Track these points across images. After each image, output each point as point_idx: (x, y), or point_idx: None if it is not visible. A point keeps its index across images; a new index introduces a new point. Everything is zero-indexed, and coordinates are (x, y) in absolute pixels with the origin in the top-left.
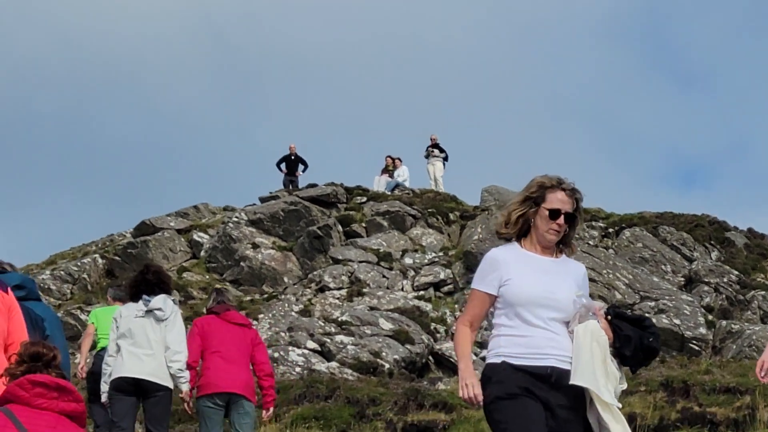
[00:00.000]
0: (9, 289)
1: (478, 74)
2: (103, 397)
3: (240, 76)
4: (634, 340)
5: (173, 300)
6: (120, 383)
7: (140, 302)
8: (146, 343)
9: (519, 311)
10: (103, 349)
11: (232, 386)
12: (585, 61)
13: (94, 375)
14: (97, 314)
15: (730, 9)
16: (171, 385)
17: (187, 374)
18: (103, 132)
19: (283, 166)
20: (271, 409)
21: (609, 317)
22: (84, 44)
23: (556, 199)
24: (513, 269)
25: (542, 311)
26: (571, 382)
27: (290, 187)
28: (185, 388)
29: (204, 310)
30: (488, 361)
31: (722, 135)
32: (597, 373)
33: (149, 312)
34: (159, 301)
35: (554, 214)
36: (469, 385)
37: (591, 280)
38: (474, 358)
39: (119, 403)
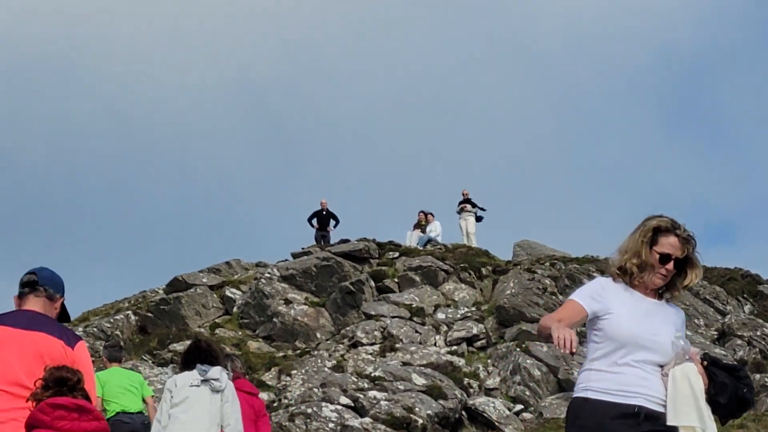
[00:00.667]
0: (81, 343)
1: (509, 131)
2: None
3: (271, 133)
4: (729, 389)
5: (227, 373)
6: None
7: (195, 371)
8: (201, 413)
9: (617, 348)
10: (117, 414)
11: None
12: (614, 120)
13: None
14: (100, 378)
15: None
16: None
17: None
18: (135, 188)
19: (314, 221)
20: None
21: (705, 363)
22: (118, 107)
23: (668, 244)
24: (618, 303)
25: (641, 352)
26: (671, 422)
27: (322, 242)
28: None
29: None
30: (575, 395)
31: (747, 191)
32: (704, 412)
33: (205, 381)
34: (216, 371)
35: (664, 259)
36: (562, 331)
37: None
38: (507, 413)
39: None
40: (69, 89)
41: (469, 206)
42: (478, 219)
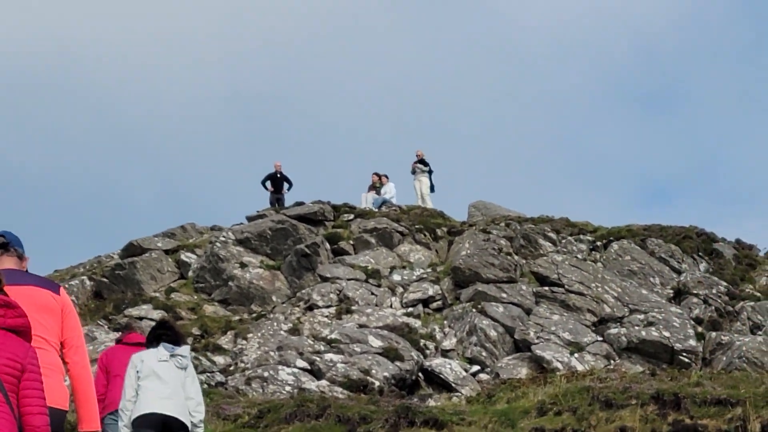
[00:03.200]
0: (61, 288)
1: (465, 93)
2: None
3: (226, 97)
4: None
5: (192, 354)
6: (147, 420)
7: (161, 348)
8: (169, 384)
9: None
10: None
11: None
12: (568, 88)
13: None
14: None
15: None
16: (189, 426)
17: (203, 426)
18: (89, 153)
19: (268, 184)
20: None
21: None
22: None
23: None
24: None
25: None
26: None
27: (277, 205)
28: None
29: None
30: None
31: (687, 156)
32: None
33: (173, 357)
34: (183, 350)
35: None
36: None
37: (580, 293)
38: (464, 374)
39: None
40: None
41: (422, 166)
42: (430, 173)
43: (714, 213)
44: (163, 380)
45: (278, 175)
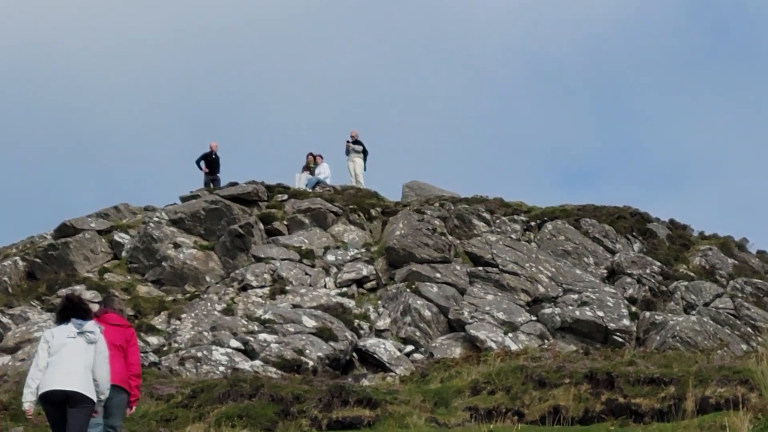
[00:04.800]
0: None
1: (397, 73)
2: (27, 406)
3: (160, 77)
4: None
5: (99, 328)
6: (52, 395)
7: (71, 324)
8: (77, 360)
9: None
10: None
11: (112, 379)
12: (500, 70)
13: None
14: None
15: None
16: (95, 399)
17: (107, 395)
18: (22, 130)
19: (203, 164)
20: (134, 408)
21: None
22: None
23: None
24: None
25: None
26: None
27: (212, 186)
28: (100, 410)
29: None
30: None
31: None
32: None
33: (81, 334)
34: (91, 325)
35: None
36: None
37: (514, 273)
38: (398, 354)
39: (53, 415)
40: None
41: (357, 146)
42: (364, 153)
43: (643, 194)
44: (69, 356)
45: (213, 156)
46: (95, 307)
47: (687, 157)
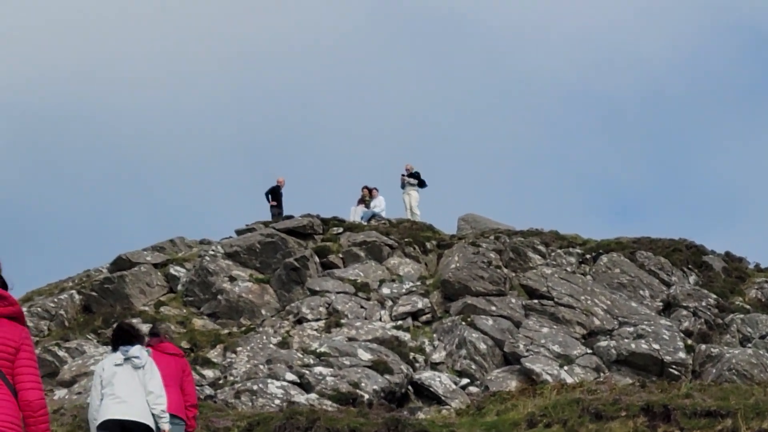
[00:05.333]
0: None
1: (454, 107)
2: None
3: (212, 108)
4: None
5: (147, 351)
6: (106, 426)
7: (118, 353)
8: (127, 388)
9: None
10: None
11: (168, 408)
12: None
13: None
14: None
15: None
16: (153, 425)
17: (167, 416)
18: (78, 162)
19: (270, 197)
20: None
21: None
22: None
23: None
24: None
25: None
26: None
27: (278, 218)
28: (166, 428)
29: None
30: None
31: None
32: None
33: (127, 360)
34: (135, 350)
35: None
36: None
37: (569, 306)
38: (453, 386)
39: None
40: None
41: (412, 180)
42: (422, 184)
43: (697, 226)
44: (119, 385)
45: (280, 190)
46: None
47: (741, 189)
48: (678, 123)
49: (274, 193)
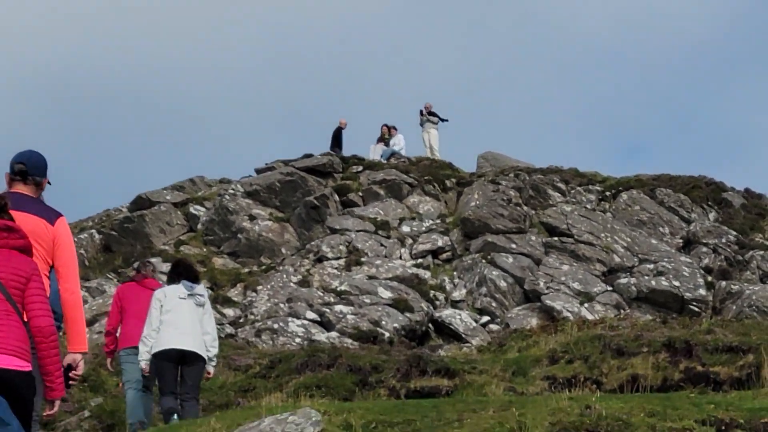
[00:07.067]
0: (59, 219)
1: (473, 45)
2: (143, 364)
3: (235, 52)
4: None
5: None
6: (167, 355)
7: (181, 285)
8: (189, 321)
9: None
10: None
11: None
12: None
13: None
14: None
15: None
16: (206, 359)
17: (216, 360)
18: (99, 105)
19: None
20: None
21: None
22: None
23: None
24: None
25: None
26: None
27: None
28: (212, 370)
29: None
30: None
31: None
32: None
33: (191, 296)
34: (201, 288)
35: None
36: None
37: (589, 243)
38: (474, 324)
39: (167, 371)
40: None
41: (433, 118)
42: (442, 120)
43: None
44: (182, 316)
45: (341, 133)
46: (163, 278)
47: (759, 126)
48: (694, 64)
49: (336, 136)
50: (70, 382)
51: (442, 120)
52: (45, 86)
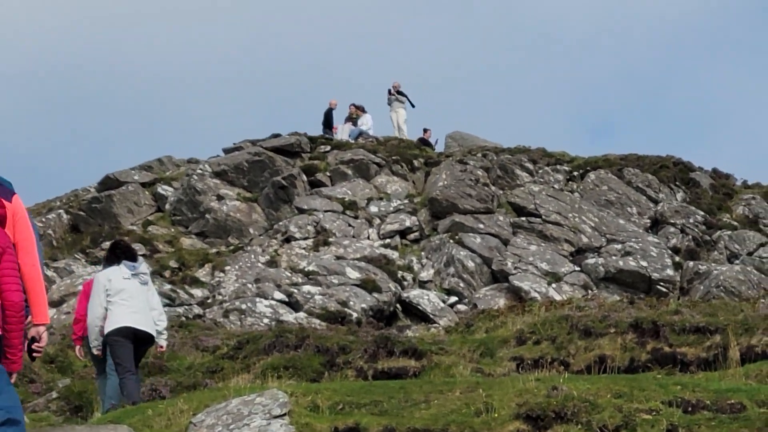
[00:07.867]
0: (15, 196)
1: (440, 25)
2: (96, 351)
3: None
4: None
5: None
6: (121, 332)
7: (122, 266)
8: (138, 300)
9: None
10: None
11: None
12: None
13: None
14: None
15: None
16: (155, 335)
17: (166, 333)
18: (67, 84)
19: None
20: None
21: None
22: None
23: None
24: None
25: None
26: None
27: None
28: (165, 344)
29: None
30: None
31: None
32: None
33: (135, 275)
34: (143, 267)
35: None
36: None
37: (557, 224)
38: (441, 305)
39: (123, 348)
40: None
41: (400, 97)
42: (412, 105)
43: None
44: (131, 296)
45: (332, 113)
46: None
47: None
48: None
49: (327, 116)
50: (35, 354)
51: (412, 105)
52: (12, 66)
